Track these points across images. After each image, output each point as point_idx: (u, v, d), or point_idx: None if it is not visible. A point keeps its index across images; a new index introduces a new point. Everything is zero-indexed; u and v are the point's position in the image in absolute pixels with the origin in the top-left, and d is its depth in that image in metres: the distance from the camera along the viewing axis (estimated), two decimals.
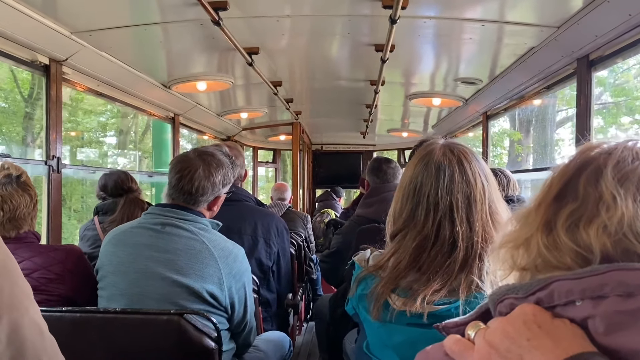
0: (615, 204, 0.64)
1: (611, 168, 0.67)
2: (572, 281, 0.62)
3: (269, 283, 2.74)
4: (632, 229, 0.63)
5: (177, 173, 1.94)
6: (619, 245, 0.63)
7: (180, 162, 1.98)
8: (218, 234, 1.98)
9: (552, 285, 0.63)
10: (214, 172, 1.97)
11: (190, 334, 1.70)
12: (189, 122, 5.26)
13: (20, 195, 1.89)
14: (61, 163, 2.86)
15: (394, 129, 7.12)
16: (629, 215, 0.63)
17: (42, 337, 1.05)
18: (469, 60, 3.47)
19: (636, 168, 0.67)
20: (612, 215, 0.64)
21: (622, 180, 0.66)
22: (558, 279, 0.63)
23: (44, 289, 1.85)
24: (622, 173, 0.66)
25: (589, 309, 0.59)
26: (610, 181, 0.66)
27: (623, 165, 0.67)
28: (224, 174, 2.01)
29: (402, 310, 1.24)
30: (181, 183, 1.93)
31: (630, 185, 0.65)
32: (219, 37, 2.77)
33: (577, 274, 0.62)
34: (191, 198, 1.94)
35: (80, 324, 1.73)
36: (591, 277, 0.60)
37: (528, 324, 0.62)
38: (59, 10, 2.44)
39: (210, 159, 1.99)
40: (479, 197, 1.31)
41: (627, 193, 0.65)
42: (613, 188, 0.65)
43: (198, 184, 1.93)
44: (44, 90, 2.83)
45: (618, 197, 0.64)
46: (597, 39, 2.38)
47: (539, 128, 8.78)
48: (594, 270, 0.61)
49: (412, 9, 2.39)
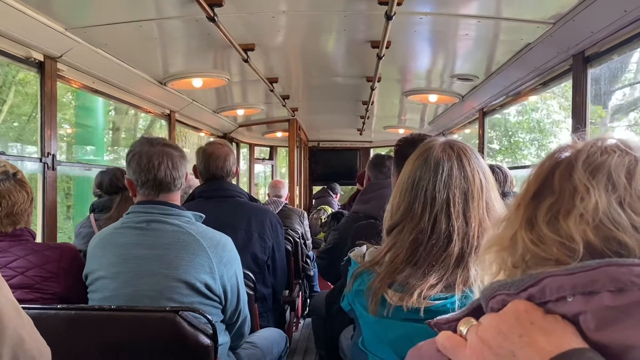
0: (589, 194, 0.68)
1: (582, 162, 0.71)
2: (563, 277, 0.62)
3: (264, 277, 2.74)
4: (607, 216, 0.66)
5: (142, 170, 1.90)
6: (599, 232, 0.66)
7: (139, 158, 1.91)
8: (203, 225, 1.98)
9: (543, 281, 0.63)
10: (176, 158, 1.95)
11: (186, 330, 1.69)
12: (185, 119, 5.25)
13: (18, 191, 1.89)
14: (56, 160, 2.85)
15: (391, 125, 7.13)
16: (603, 203, 0.66)
17: (19, 314, 1.05)
18: (465, 57, 3.47)
19: (605, 161, 0.70)
20: (587, 205, 0.67)
21: (594, 173, 0.69)
22: (550, 274, 0.63)
23: (38, 287, 1.85)
24: (592, 166, 0.70)
25: (581, 304, 0.60)
26: (582, 174, 0.70)
27: (593, 159, 0.71)
28: (180, 155, 1.99)
29: (398, 306, 1.24)
30: (149, 176, 1.90)
31: (601, 177, 0.69)
32: (215, 33, 2.76)
33: (568, 270, 0.62)
34: (167, 187, 1.93)
35: (75, 322, 1.72)
36: (582, 273, 0.60)
37: (520, 320, 0.62)
38: (53, 7, 2.43)
39: (167, 147, 1.96)
40: (476, 194, 1.32)
41: (599, 184, 0.68)
42: (585, 180, 0.69)
43: (166, 171, 1.91)
44: (38, 86, 2.82)
45: (591, 187, 0.68)
46: (593, 35, 2.38)
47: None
48: (585, 266, 0.61)
49: (408, 5, 2.38)
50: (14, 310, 1.05)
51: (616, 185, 0.68)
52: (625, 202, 0.66)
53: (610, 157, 0.70)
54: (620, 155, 0.70)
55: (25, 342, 1.05)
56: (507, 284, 0.68)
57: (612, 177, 0.68)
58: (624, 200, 0.67)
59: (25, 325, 1.07)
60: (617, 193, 0.67)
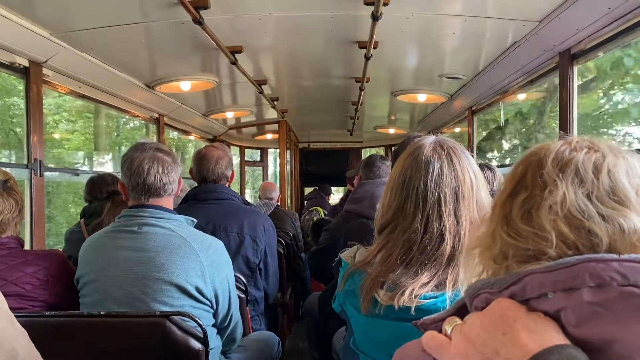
0: (557, 187, 0.72)
1: (551, 159, 0.76)
2: (543, 274, 0.63)
3: (257, 281, 2.73)
4: (575, 207, 0.70)
5: (132, 174, 1.90)
6: (569, 223, 0.69)
7: (130, 162, 1.92)
8: (194, 229, 1.98)
9: (524, 279, 0.64)
10: (165, 157, 1.94)
11: (176, 335, 1.68)
12: (174, 123, 5.22)
13: (5, 199, 1.86)
14: (43, 166, 2.83)
15: (381, 125, 7.14)
16: (570, 195, 0.71)
17: (14, 326, 1.04)
18: (453, 56, 3.48)
19: (573, 157, 0.74)
20: (555, 197, 0.71)
21: (563, 168, 0.74)
22: (530, 272, 0.64)
23: (28, 295, 1.82)
24: (561, 162, 0.75)
25: (561, 301, 0.61)
26: (551, 170, 0.74)
27: (562, 157, 0.75)
28: (173, 158, 1.99)
29: (389, 305, 1.24)
30: (138, 180, 1.90)
31: (568, 171, 0.73)
32: (201, 36, 2.75)
33: (548, 267, 0.63)
34: (157, 192, 1.92)
35: (64, 329, 1.71)
36: (562, 270, 0.62)
37: (503, 318, 0.63)
38: (37, 11, 2.40)
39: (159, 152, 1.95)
40: (466, 192, 1.32)
41: (567, 178, 0.73)
42: (554, 175, 0.73)
43: (157, 176, 1.91)
44: (24, 92, 2.79)
45: (559, 181, 0.72)
46: (578, 33, 2.40)
47: None
48: (564, 263, 0.62)
49: (394, 6, 2.38)
50: (8, 322, 1.03)
51: (584, 179, 0.72)
52: (592, 195, 0.71)
53: (578, 154, 0.74)
54: (587, 152, 0.74)
55: (19, 355, 1.03)
56: (490, 282, 0.69)
57: (579, 172, 0.73)
58: (592, 193, 0.71)
59: (19, 337, 1.05)
60: (585, 187, 0.71)
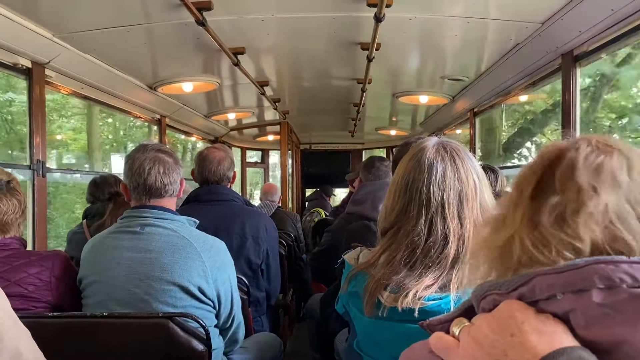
0: (597, 193, 0.67)
1: (582, 162, 0.70)
2: (552, 275, 0.62)
3: (258, 282, 2.73)
4: (617, 215, 0.66)
5: (134, 175, 1.91)
6: (607, 232, 0.66)
7: (132, 163, 1.93)
8: (197, 229, 1.98)
9: (533, 280, 0.64)
10: (166, 159, 1.95)
11: (180, 337, 1.68)
12: (176, 124, 5.22)
13: (9, 199, 1.86)
14: (45, 167, 2.83)
15: (382, 127, 7.13)
16: (612, 203, 0.66)
17: (17, 325, 1.04)
18: (455, 58, 3.48)
19: (603, 161, 0.70)
20: (597, 204, 0.66)
21: (597, 173, 0.69)
22: (539, 273, 0.64)
23: (31, 296, 1.82)
24: (593, 166, 0.69)
25: (571, 302, 0.60)
26: (585, 174, 0.69)
27: (592, 160, 0.70)
28: (175, 160, 2.00)
29: (393, 307, 1.24)
30: (140, 180, 1.91)
31: (605, 177, 0.68)
32: (204, 37, 2.75)
33: (557, 269, 0.63)
34: (158, 192, 1.93)
35: (67, 330, 1.71)
36: (571, 271, 0.61)
37: (512, 320, 0.62)
38: (40, 13, 2.41)
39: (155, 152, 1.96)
40: (470, 195, 1.32)
41: (604, 184, 0.68)
42: (592, 180, 0.68)
43: (160, 177, 1.92)
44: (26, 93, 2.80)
45: (598, 187, 0.68)
46: (581, 35, 2.39)
47: None
48: (573, 264, 0.62)
49: (397, 7, 2.38)
50: (11, 322, 1.03)
51: (621, 183, 0.68)
52: (631, 200, 0.67)
53: (608, 156, 0.70)
54: (616, 154, 0.71)
55: (22, 355, 1.03)
56: (498, 284, 0.68)
57: (615, 176, 0.68)
58: (629, 198, 0.67)
59: (22, 337, 1.05)
60: (623, 191, 0.68)
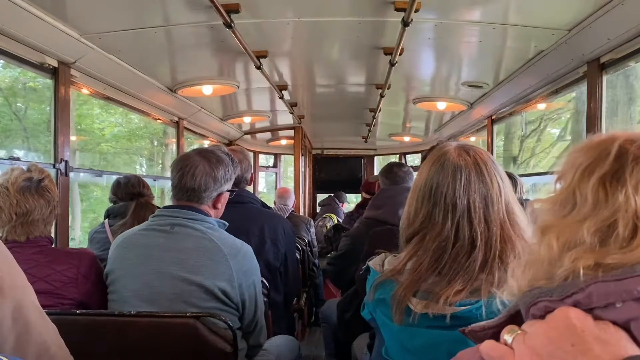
0: None
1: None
2: (611, 283, 0.60)
3: (277, 284, 2.73)
4: None
5: (178, 171, 1.97)
6: None
7: (180, 160, 2.00)
8: (226, 232, 1.99)
9: (590, 287, 0.62)
10: (215, 168, 1.99)
11: (207, 337, 1.68)
12: (192, 127, 5.24)
13: (36, 200, 1.86)
14: (69, 166, 2.84)
15: (396, 133, 7.12)
16: None
17: (44, 320, 1.04)
18: (476, 64, 3.47)
19: None
20: None
21: None
22: (596, 280, 0.62)
23: (57, 293, 1.83)
24: None
25: (632, 311, 0.58)
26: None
27: None
28: (225, 170, 2.03)
29: (423, 313, 1.23)
30: (184, 180, 1.95)
31: None
32: (229, 40, 2.76)
33: (616, 276, 0.60)
34: (195, 194, 1.96)
35: (94, 328, 1.72)
36: (633, 279, 0.59)
37: (571, 328, 0.60)
38: (68, 13, 2.43)
39: (210, 155, 2.02)
40: (495, 198, 1.31)
41: None
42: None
43: (200, 179, 1.95)
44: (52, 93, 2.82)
45: None
46: (609, 42, 2.37)
47: None
48: (634, 271, 0.60)
49: (425, 12, 2.38)
50: (40, 316, 1.03)
51: None
52: None
53: None
54: None
55: (50, 349, 1.03)
56: (550, 290, 0.66)
57: None
58: None
59: (50, 332, 1.06)
60: None
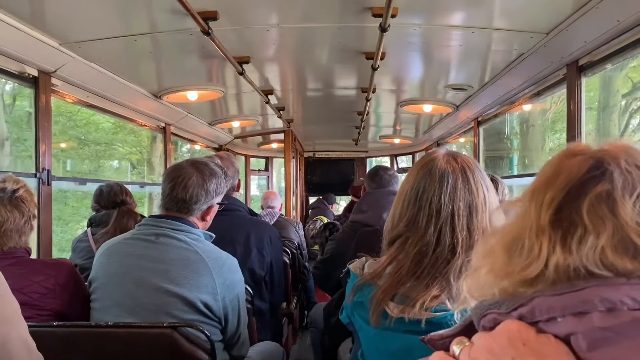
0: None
1: (620, 196, 0.64)
2: (552, 297, 0.62)
3: (262, 292, 2.71)
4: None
5: (170, 182, 1.95)
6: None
7: (173, 170, 1.98)
8: (211, 244, 1.98)
9: (533, 301, 0.63)
10: (208, 180, 1.97)
11: (184, 347, 1.68)
12: (180, 132, 5.23)
13: (9, 210, 1.84)
14: (51, 175, 2.83)
15: (386, 135, 7.14)
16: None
17: (30, 355, 1.02)
18: (459, 67, 3.48)
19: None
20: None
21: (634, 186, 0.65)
22: (539, 295, 0.63)
23: (35, 304, 1.82)
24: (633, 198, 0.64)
25: (571, 325, 0.59)
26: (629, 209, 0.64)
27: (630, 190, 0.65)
28: (217, 183, 2.02)
29: (399, 317, 1.24)
30: (175, 191, 1.93)
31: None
32: (210, 47, 2.76)
33: (557, 291, 0.62)
34: (185, 206, 1.94)
35: (71, 339, 1.71)
36: (571, 294, 0.61)
37: (513, 341, 0.62)
38: (47, 22, 2.42)
39: (204, 167, 2.00)
40: (480, 207, 1.32)
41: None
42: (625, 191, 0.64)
43: (192, 191, 1.93)
44: (32, 102, 2.81)
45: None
46: (587, 45, 2.39)
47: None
48: (573, 286, 0.61)
49: (402, 17, 2.39)
50: (25, 350, 1.02)
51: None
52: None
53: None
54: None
55: None
56: (498, 303, 0.67)
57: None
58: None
59: None
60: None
